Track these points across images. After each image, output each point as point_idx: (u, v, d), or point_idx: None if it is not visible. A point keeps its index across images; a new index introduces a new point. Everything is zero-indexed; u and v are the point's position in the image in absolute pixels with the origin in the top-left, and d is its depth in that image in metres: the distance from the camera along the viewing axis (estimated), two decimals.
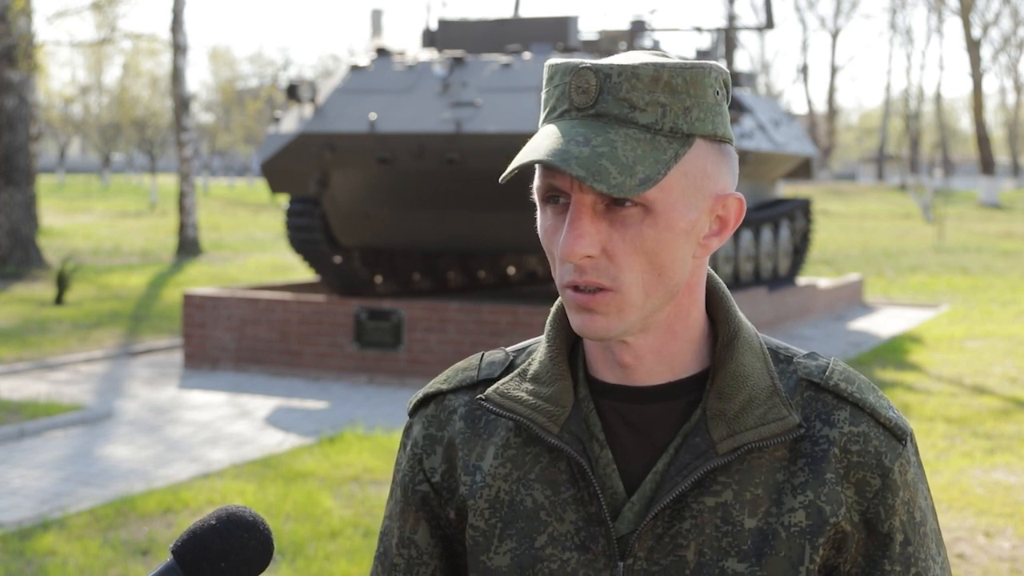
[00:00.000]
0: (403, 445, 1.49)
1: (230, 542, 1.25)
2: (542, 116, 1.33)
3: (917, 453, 1.38)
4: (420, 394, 1.49)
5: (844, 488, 1.32)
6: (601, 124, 1.26)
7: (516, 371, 1.42)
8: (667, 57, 1.31)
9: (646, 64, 1.27)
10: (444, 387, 1.47)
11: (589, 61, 1.28)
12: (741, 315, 1.39)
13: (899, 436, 1.35)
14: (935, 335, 13.64)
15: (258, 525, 1.27)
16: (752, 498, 1.32)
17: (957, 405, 9.60)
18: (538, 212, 1.34)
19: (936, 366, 11.55)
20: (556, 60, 1.33)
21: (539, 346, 1.44)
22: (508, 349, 1.49)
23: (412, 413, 1.49)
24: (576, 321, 1.30)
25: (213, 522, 1.26)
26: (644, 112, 1.26)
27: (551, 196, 1.30)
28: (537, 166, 1.28)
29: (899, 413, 1.37)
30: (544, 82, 1.33)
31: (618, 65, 1.27)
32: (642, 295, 1.29)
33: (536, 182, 1.31)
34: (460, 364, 1.50)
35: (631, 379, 1.36)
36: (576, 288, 1.29)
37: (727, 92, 1.33)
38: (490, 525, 1.39)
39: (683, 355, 1.36)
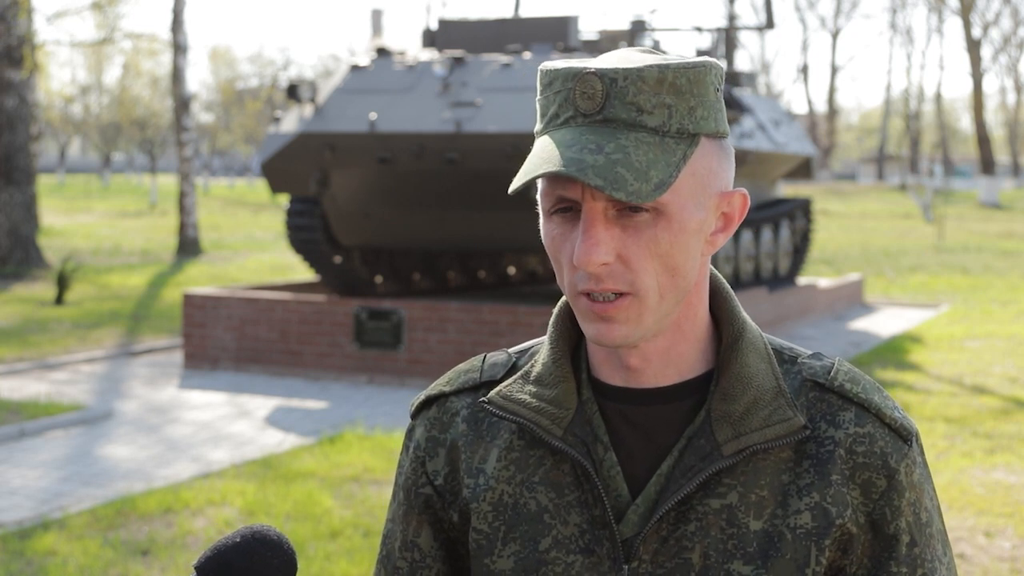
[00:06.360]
0: (405, 448, 1.47)
1: (253, 561, 1.24)
2: (540, 123, 1.29)
3: (923, 454, 1.37)
4: (422, 396, 1.47)
5: (850, 489, 1.31)
6: (610, 130, 1.23)
7: (519, 373, 1.40)
8: (665, 56, 1.28)
9: (650, 66, 1.25)
10: (447, 389, 1.45)
11: (592, 66, 1.25)
12: (745, 315, 1.38)
13: (905, 436, 1.34)
14: (935, 335, 13.64)
15: (282, 544, 1.26)
16: (757, 500, 1.31)
17: (957, 405, 9.60)
18: (542, 220, 1.31)
19: (936, 366, 11.55)
20: (552, 64, 1.29)
21: (542, 348, 1.42)
22: (511, 350, 1.47)
23: (414, 415, 1.47)
24: (592, 330, 1.28)
25: (237, 540, 1.25)
26: (651, 115, 1.24)
27: (560, 208, 1.27)
28: (542, 176, 1.24)
29: (904, 413, 1.36)
30: (540, 87, 1.30)
31: (623, 69, 1.24)
32: (658, 298, 1.27)
33: (542, 191, 1.29)
34: (462, 366, 1.48)
35: (636, 381, 1.34)
36: (590, 296, 1.27)
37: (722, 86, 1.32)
38: (493, 528, 1.38)
39: (689, 356, 1.35)
